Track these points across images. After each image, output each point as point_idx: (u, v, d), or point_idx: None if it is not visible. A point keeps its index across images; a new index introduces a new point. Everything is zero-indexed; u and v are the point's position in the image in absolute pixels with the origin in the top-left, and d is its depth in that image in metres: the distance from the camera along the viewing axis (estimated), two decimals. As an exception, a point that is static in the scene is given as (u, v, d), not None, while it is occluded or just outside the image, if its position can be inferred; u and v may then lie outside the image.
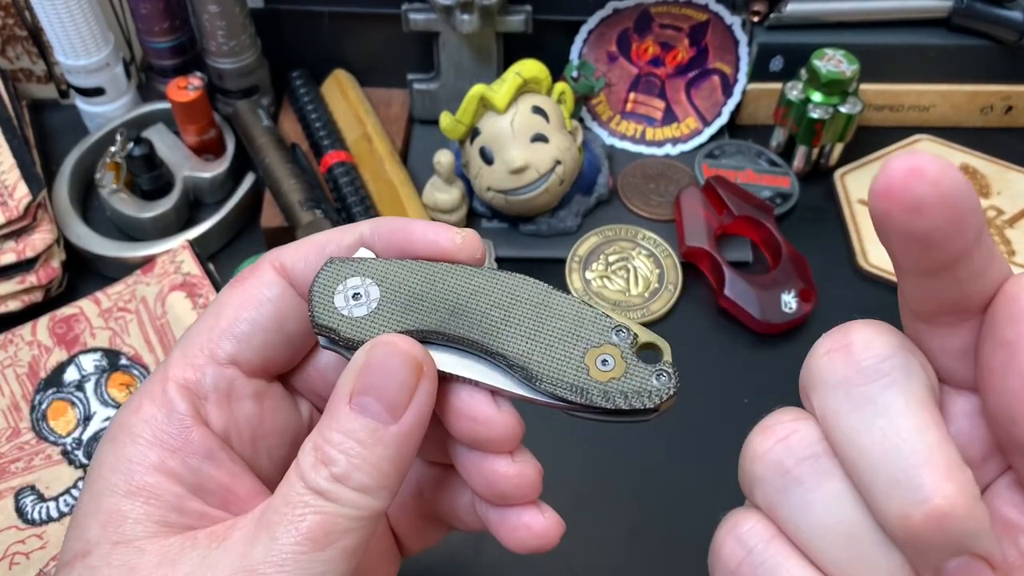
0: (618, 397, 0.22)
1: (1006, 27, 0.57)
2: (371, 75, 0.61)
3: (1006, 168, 0.58)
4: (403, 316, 0.23)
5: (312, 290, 0.24)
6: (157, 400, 0.23)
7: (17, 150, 0.51)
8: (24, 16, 0.57)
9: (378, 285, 0.24)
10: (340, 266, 0.24)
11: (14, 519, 0.41)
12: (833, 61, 0.54)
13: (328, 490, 0.21)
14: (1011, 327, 0.18)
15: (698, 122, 0.60)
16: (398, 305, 0.23)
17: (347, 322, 0.23)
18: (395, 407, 0.22)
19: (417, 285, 0.24)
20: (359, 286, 0.24)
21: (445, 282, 0.24)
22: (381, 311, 0.23)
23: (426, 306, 0.23)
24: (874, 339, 0.20)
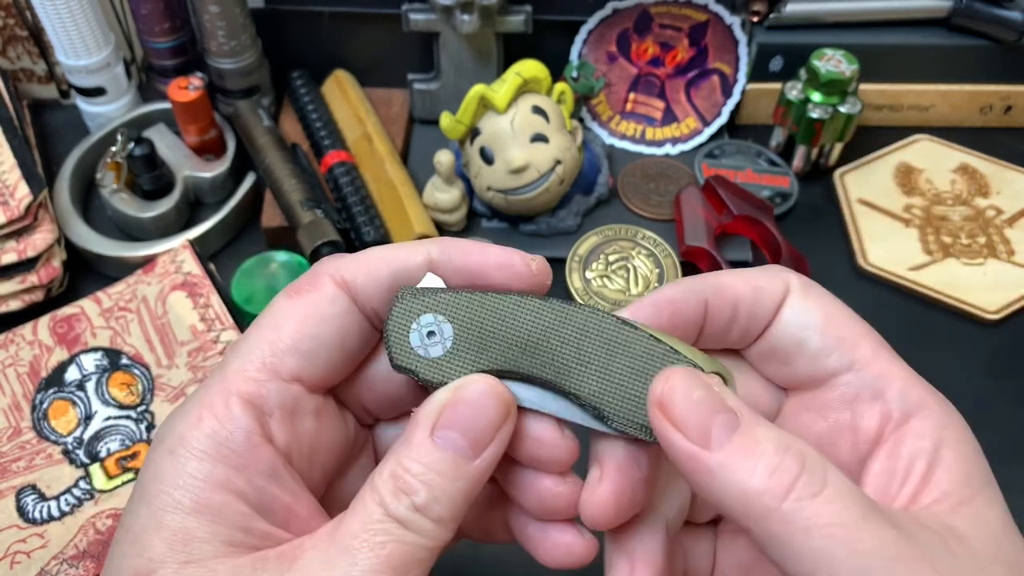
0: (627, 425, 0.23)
1: (1005, 27, 0.57)
2: (371, 75, 0.61)
3: (1005, 168, 0.58)
4: (478, 355, 0.23)
5: (387, 328, 0.24)
6: (220, 414, 0.22)
7: (18, 150, 0.51)
8: (25, 16, 0.57)
9: (451, 322, 0.24)
10: (412, 302, 0.24)
11: (15, 518, 0.41)
12: (832, 61, 0.54)
13: (409, 519, 0.21)
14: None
15: (698, 122, 0.60)
16: (472, 343, 0.24)
17: (425, 364, 0.23)
18: (479, 444, 0.22)
19: (489, 322, 0.24)
20: (432, 324, 0.24)
21: (516, 318, 0.24)
22: (457, 351, 0.24)
23: (499, 344, 0.23)
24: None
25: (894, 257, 0.53)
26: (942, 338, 0.50)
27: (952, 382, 0.48)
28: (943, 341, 0.50)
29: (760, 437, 0.20)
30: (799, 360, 0.24)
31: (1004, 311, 0.50)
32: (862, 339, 0.24)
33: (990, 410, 0.47)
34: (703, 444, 0.20)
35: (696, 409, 0.20)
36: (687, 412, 0.20)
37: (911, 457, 0.22)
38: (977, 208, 0.56)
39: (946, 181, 0.58)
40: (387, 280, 0.24)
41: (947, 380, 0.48)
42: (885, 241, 0.54)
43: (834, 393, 0.24)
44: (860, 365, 0.23)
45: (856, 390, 0.23)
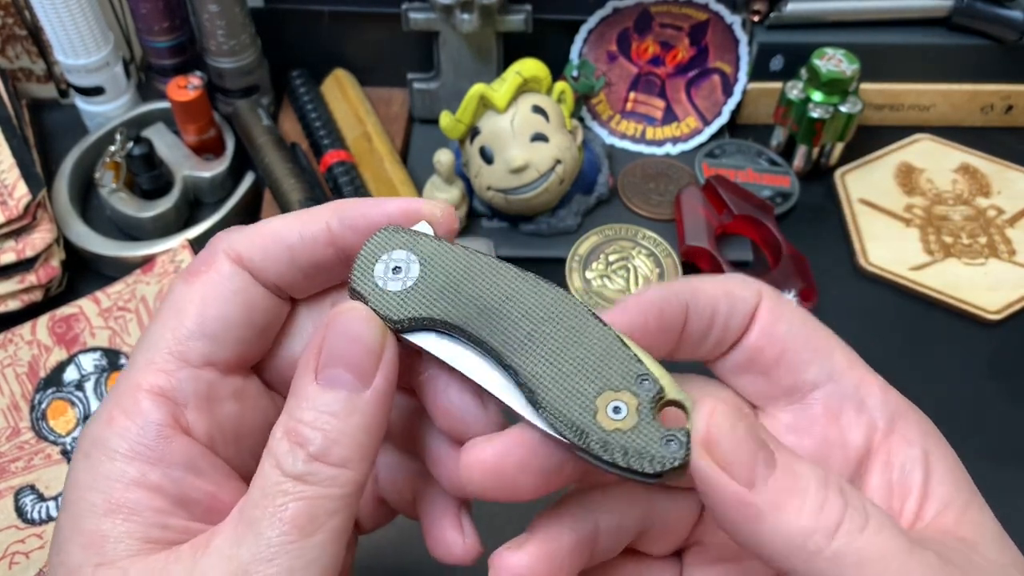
0: (617, 451, 0.20)
1: (1006, 26, 0.57)
2: (371, 74, 0.61)
3: (1006, 167, 0.58)
4: (431, 302, 0.22)
5: (359, 255, 0.23)
6: (130, 411, 0.22)
7: (17, 149, 0.51)
8: (24, 15, 0.57)
9: (420, 264, 0.23)
10: (391, 236, 0.23)
11: (14, 518, 0.41)
12: (833, 60, 0.54)
13: (306, 472, 0.20)
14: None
15: (698, 121, 0.60)
16: (432, 290, 0.23)
17: (378, 293, 0.23)
18: (365, 373, 0.21)
19: (457, 273, 0.23)
20: (403, 260, 0.23)
21: (485, 278, 0.23)
22: (414, 291, 0.23)
23: (458, 298, 0.23)
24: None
25: (895, 257, 0.53)
26: (943, 338, 0.50)
27: (953, 382, 0.48)
28: (944, 341, 0.50)
29: (800, 472, 0.19)
30: (778, 372, 0.23)
31: (1005, 311, 0.50)
32: (835, 349, 0.23)
33: (991, 410, 0.47)
34: (748, 484, 0.19)
35: (741, 445, 0.19)
36: (734, 450, 0.19)
37: (905, 468, 0.22)
38: (978, 208, 0.56)
39: (947, 181, 0.57)
40: (285, 256, 0.23)
41: (948, 380, 0.48)
42: (886, 241, 0.54)
43: (817, 408, 0.23)
44: (839, 375, 0.23)
45: (839, 402, 0.23)
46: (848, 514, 0.18)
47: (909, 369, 0.48)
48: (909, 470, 0.22)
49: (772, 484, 0.19)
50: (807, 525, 0.18)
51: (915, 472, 0.21)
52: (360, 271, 0.23)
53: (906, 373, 0.48)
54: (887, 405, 0.22)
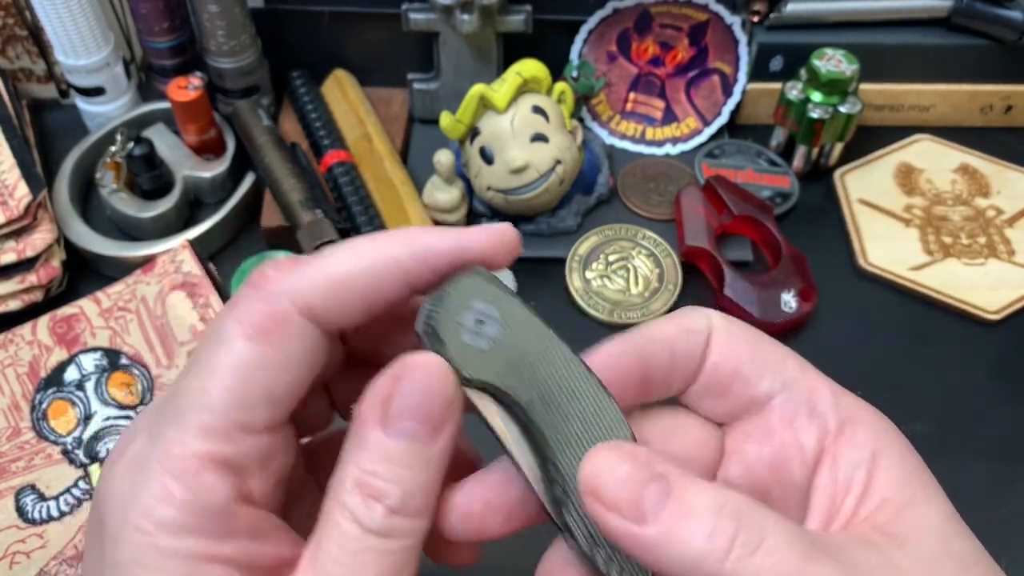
0: (614, 567, 0.22)
1: (1006, 27, 0.57)
2: (371, 75, 0.61)
3: (1006, 168, 0.58)
4: (506, 371, 0.22)
5: (446, 294, 0.22)
6: (192, 485, 0.20)
7: (17, 150, 0.51)
8: (24, 16, 0.57)
9: (501, 326, 0.22)
10: (481, 285, 0.22)
11: (14, 518, 0.41)
12: (833, 61, 0.54)
13: (387, 527, 0.20)
14: None
15: (698, 122, 0.60)
16: (507, 357, 0.22)
17: (458, 343, 0.22)
18: (438, 425, 0.21)
19: (533, 351, 0.22)
20: (486, 315, 0.22)
21: (556, 367, 0.22)
22: (492, 352, 0.22)
23: (529, 377, 0.22)
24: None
25: (894, 257, 0.53)
26: (942, 338, 0.50)
27: (952, 382, 0.48)
28: (943, 341, 0.50)
29: (692, 500, 0.20)
30: (735, 389, 0.24)
31: (1004, 311, 0.50)
32: (787, 360, 0.24)
33: (990, 410, 0.47)
34: (638, 520, 0.19)
35: (624, 485, 0.20)
36: (617, 491, 0.20)
37: (850, 467, 0.23)
38: (977, 208, 0.56)
39: (946, 181, 0.58)
40: (358, 304, 0.22)
41: (947, 380, 0.48)
42: (885, 241, 0.54)
43: (773, 416, 0.24)
44: (791, 384, 0.24)
45: (793, 408, 0.24)
46: (740, 537, 0.19)
47: (908, 369, 0.48)
48: (853, 469, 0.22)
49: (663, 516, 0.19)
50: (700, 549, 0.19)
51: (858, 471, 0.22)
52: (445, 314, 0.22)
53: (905, 373, 0.48)
54: (838, 408, 0.23)
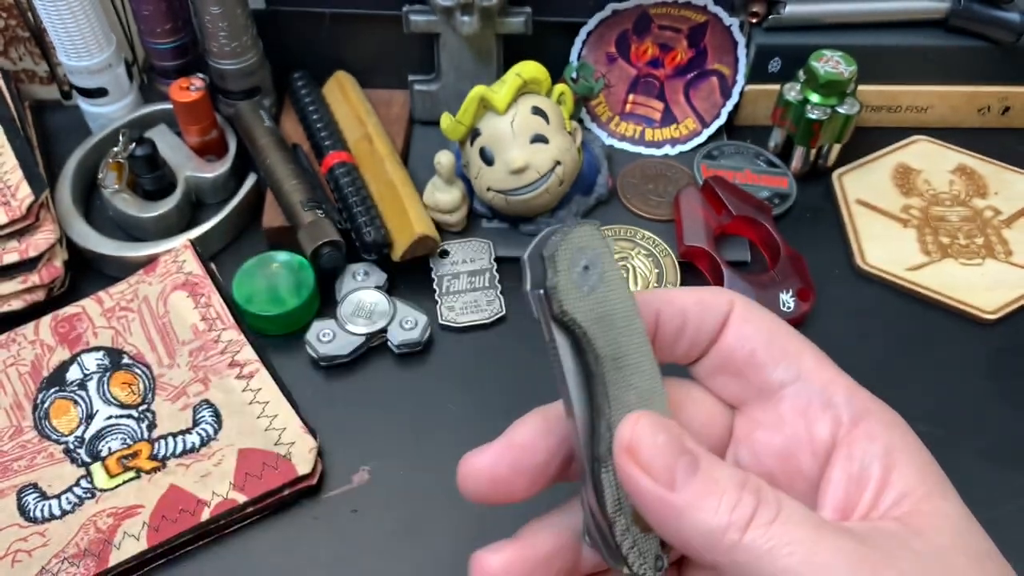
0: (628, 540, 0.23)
1: (1003, 28, 0.57)
2: (372, 76, 0.61)
3: (1003, 169, 0.59)
4: (595, 320, 0.22)
5: (569, 234, 0.22)
6: None
7: (20, 150, 0.51)
8: (27, 17, 0.58)
9: (601, 280, 0.23)
10: (594, 239, 0.23)
11: (16, 517, 0.42)
12: (831, 62, 0.54)
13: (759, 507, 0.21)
14: None
15: (697, 123, 0.60)
16: (598, 310, 0.22)
17: (568, 281, 0.22)
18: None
19: (617, 312, 0.23)
20: (593, 264, 0.22)
21: (630, 334, 0.23)
22: (587, 298, 0.22)
23: (607, 333, 0.23)
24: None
25: (892, 257, 0.53)
26: (940, 338, 0.50)
27: (950, 382, 0.48)
28: (941, 341, 0.50)
29: (719, 476, 0.21)
30: (749, 372, 0.25)
31: (1002, 311, 0.50)
32: (805, 351, 0.25)
33: (988, 410, 0.47)
34: (669, 486, 0.21)
35: (661, 452, 0.21)
36: (653, 455, 0.21)
37: (866, 461, 0.23)
38: (975, 209, 0.56)
39: (944, 182, 0.58)
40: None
41: (945, 380, 0.48)
42: (883, 241, 0.54)
43: (785, 405, 0.25)
44: (806, 375, 0.24)
45: (806, 399, 0.24)
46: (760, 509, 0.20)
47: (906, 369, 0.49)
48: (868, 463, 0.23)
49: (691, 486, 0.21)
50: (723, 521, 0.20)
51: (874, 465, 0.23)
52: (566, 248, 0.22)
53: (903, 373, 0.49)
54: (852, 403, 0.24)
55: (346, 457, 0.45)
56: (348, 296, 0.50)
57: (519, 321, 0.51)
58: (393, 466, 0.45)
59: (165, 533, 0.41)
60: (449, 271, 0.52)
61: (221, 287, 0.49)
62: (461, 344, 0.50)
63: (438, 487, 0.44)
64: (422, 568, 0.41)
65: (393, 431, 0.46)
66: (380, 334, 0.49)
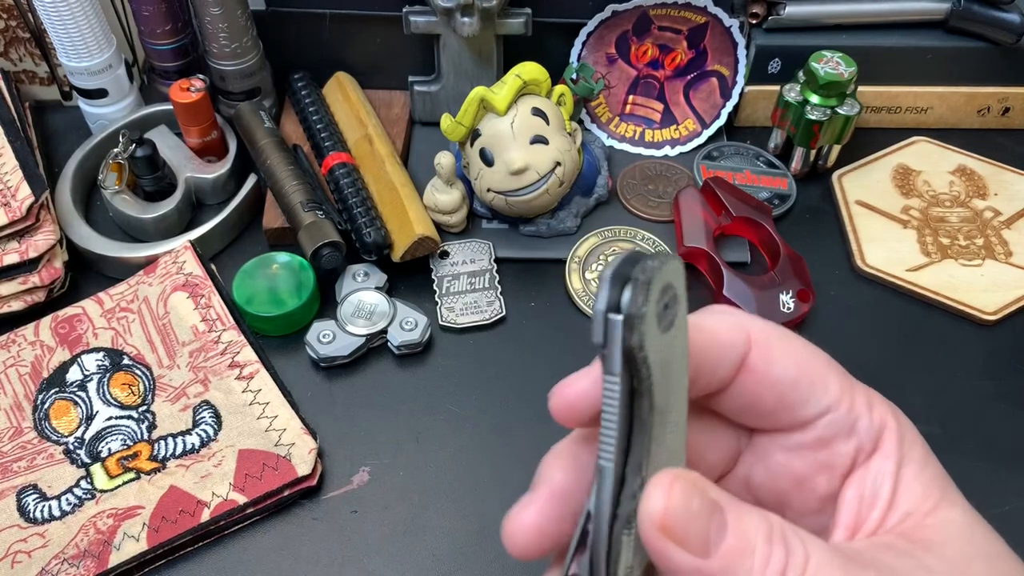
0: None
1: (1003, 29, 0.57)
2: (372, 77, 0.61)
3: (1003, 169, 0.59)
4: (658, 364, 0.20)
5: (662, 265, 0.19)
6: None
7: (20, 151, 0.51)
8: (27, 18, 0.58)
9: (674, 322, 0.20)
10: (682, 274, 0.20)
11: (16, 518, 0.42)
12: (831, 63, 0.54)
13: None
14: None
15: (697, 124, 0.60)
16: (664, 353, 0.20)
17: (653, 315, 0.19)
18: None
19: (675, 359, 0.21)
20: (673, 304, 0.20)
21: (679, 386, 0.21)
22: (661, 339, 0.20)
23: (664, 380, 0.20)
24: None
25: (892, 258, 0.53)
26: (940, 339, 0.50)
27: (950, 383, 0.48)
28: (941, 342, 0.50)
29: (747, 530, 0.20)
30: (777, 414, 0.24)
31: (1002, 312, 0.50)
32: (829, 375, 0.23)
33: (987, 411, 0.47)
34: (704, 555, 0.19)
35: (696, 520, 0.20)
36: (688, 526, 0.19)
37: (877, 480, 0.23)
38: (975, 210, 0.56)
39: (944, 183, 0.58)
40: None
41: (945, 381, 0.49)
42: (883, 242, 0.54)
43: (810, 435, 0.24)
44: (834, 406, 0.23)
45: (835, 430, 0.23)
46: (790, 561, 0.20)
47: (906, 370, 0.49)
48: (879, 483, 0.23)
49: (724, 549, 0.20)
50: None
51: (884, 484, 0.23)
52: (660, 280, 0.19)
53: (903, 374, 0.49)
54: (873, 423, 0.23)
55: (346, 458, 0.45)
56: (348, 297, 0.50)
57: (519, 322, 0.51)
58: (393, 467, 0.45)
59: (165, 534, 0.41)
60: (449, 272, 0.52)
61: (221, 288, 0.49)
62: (461, 345, 0.50)
63: (438, 487, 0.44)
64: (422, 568, 0.41)
65: (393, 432, 0.46)
66: (380, 335, 0.49)
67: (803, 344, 0.24)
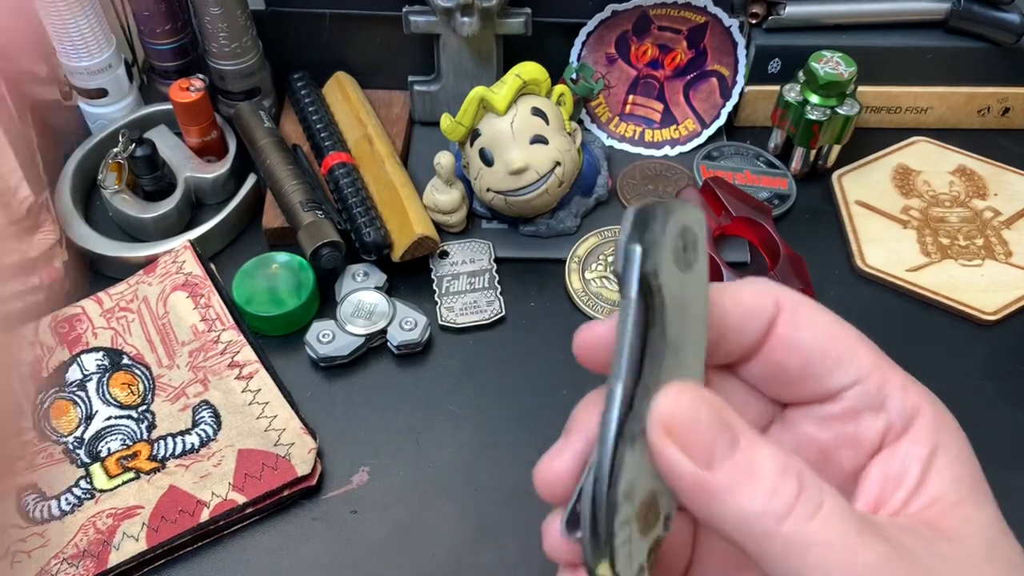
0: (624, 531, 0.20)
1: (1003, 29, 0.57)
2: (372, 77, 0.61)
3: (1003, 170, 0.59)
4: (671, 301, 0.21)
5: (681, 204, 0.21)
6: None
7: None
8: (27, 18, 0.58)
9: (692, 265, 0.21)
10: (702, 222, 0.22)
11: (16, 518, 0.42)
12: (831, 63, 0.54)
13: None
14: None
15: (696, 124, 0.60)
16: (680, 292, 0.21)
17: (661, 246, 0.20)
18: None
19: (693, 300, 0.21)
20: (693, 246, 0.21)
21: (697, 324, 0.22)
22: (677, 277, 0.21)
23: (678, 317, 0.21)
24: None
25: (892, 259, 0.53)
26: (940, 339, 0.50)
27: (950, 383, 0.48)
28: (941, 342, 0.50)
29: (759, 457, 0.20)
30: (803, 382, 0.23)
31: (1002, 312, 0.50)
32: (859, 349, 0.23)
33: (988, 411, 0.47)
34: (706, 464, 0.19)
35: (702, 428, 0.20)
36: (693, 432, 0.19)
37: (906, 463, 0.22)
38: (975, 210, 0.56)
39: (944, 183, 0.58)
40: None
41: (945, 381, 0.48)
42: (883, 243, 0.54)
43: (837, 407, 0.23)
44: (863, 378, 0.23)
45: (863, 403, 0.23)
46: (801, 500, 0.19)
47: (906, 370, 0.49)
48: (908, 465, 0.22)
49: (729, 466, 0.19)
50: (759, 509, 0.19)
51: (913, 467, 0.22)
52: (676, 219, 0.21)
53: (903, 373, 0.49)
54: (905, 404, 0.23)
55: (345, 457, 0.45)
56: (348, 297, 0.50)
57: (519, 322, 0.51)
58: (393, 466, 0.45)
59: (164, 534, 0.41)
60: (449, 272, 0.52)
61: (221, 288, 0.49)
62: (461, 345, 0.50)
63: (438, 487, 0.44)
64: (422, 568, 0.41)
65: (393, 431, 0.46)
66: (380, 335, 0.49)
67: (835, 317, 0.24)
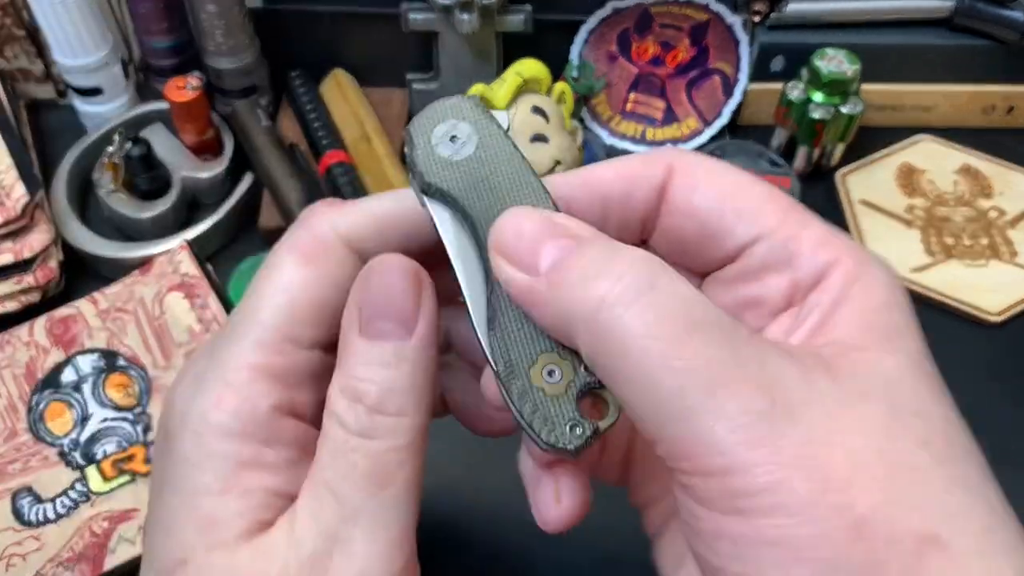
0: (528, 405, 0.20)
1: (1008, 27, 0.57)
2: (370, 75, 0.61)
3: (1008, 169, 0.58)
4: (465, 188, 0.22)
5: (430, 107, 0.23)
6: (242, 391, 0.21)
7: (15, 150, 0.51)
8: (22, 15, 0.57)
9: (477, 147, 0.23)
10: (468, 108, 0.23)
11: (11, 521, 0.41)
12: (834, 61, 0.54)
13: (369, 427, 0.20)
14: None
15: (699, 122, 0.60)
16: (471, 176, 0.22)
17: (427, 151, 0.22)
18: (407, 321, 0.21)
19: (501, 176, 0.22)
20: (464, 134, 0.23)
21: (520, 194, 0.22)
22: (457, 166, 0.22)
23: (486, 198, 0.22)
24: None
25: (896, 258, 0.53)
26: (944, 340, 0.49)
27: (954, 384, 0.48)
28: (945, 343, 0.49)
29: (589, 252, 0.19)
30: (702, 247, 0.22)
31: (1006, 312, 0.50)
32: (766, 204, 0.22)
33: (992, 412, 0.46)
34: (531, 271, 0.19)
35: (527, 239, 0.20)
36: (516, 245, 0.20)
37: (803, 312, 0.21)
38: (979, 209, 0.56)
39: (948, 182, 0.57)
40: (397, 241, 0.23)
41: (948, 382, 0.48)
42: (887, 242, 0.54)
43: (737, 266, 0.22)
44: (767, 234, 0.21)
45: (762, 260, 0.21)
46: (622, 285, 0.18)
47: (910, 371, 0.48)
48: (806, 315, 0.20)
49: (555, 267, 0.19)
50: (574, 296, 0.19)
51: (811, 316, 0.20)
52: (423, 121, 0.23)
53: (907, 375, 0.48)
54: (817, 260, 0.21)
55: (344, 460, 0.44)
56: (346, 297, 0.49)
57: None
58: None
59: (160, 538, 0.40)
60: (448, 272, 0.52)
61: (218, 288, 0.49)
62: (460, 346, 0.49)
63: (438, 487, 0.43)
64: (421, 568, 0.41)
65: (391, 434, 0.45)
66: (378, 336, 0.48)
67: (739, 176, 0.22)
